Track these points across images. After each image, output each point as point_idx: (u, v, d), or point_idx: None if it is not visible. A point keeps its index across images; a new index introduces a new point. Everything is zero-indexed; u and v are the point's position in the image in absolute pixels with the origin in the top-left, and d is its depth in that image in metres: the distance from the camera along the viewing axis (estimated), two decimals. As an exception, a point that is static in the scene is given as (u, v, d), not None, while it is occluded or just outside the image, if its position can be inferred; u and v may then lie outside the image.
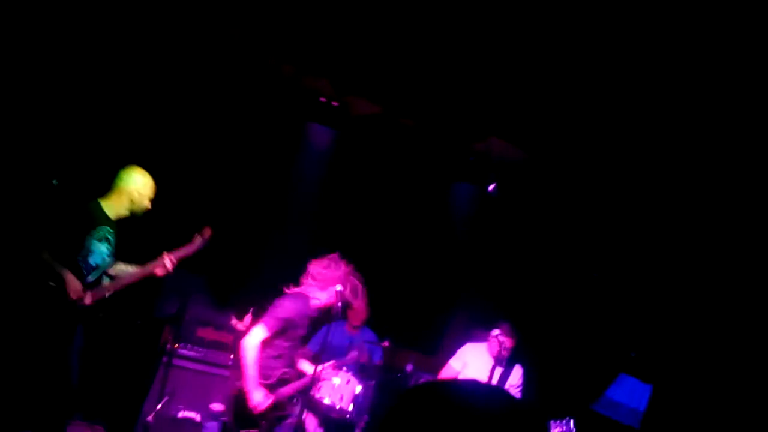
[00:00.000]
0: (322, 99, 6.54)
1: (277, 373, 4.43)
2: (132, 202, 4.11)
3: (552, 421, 4.99)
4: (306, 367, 5.10)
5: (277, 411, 4.43)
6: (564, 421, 4.95)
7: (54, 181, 3.95)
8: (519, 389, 5.41)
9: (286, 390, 4.51)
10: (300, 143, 6.76)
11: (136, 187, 4.10)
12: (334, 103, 6.55)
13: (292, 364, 4.63)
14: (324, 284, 4.56)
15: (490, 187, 7.01)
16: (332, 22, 5.26)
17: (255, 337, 4.24)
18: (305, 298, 4.52)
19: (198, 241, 4.37)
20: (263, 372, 4.30)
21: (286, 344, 4.44)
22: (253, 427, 4.35)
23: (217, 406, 4.73)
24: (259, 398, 4.23)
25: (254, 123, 6.46)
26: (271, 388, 4.37)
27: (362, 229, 6.91)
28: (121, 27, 5.46)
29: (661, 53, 4.56)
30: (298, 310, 4.45)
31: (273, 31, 5.58)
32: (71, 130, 5.36)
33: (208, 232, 4.41)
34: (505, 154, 6.74)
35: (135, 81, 5.74)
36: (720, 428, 5.90)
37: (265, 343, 4.28)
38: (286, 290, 4.60)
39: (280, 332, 4.35)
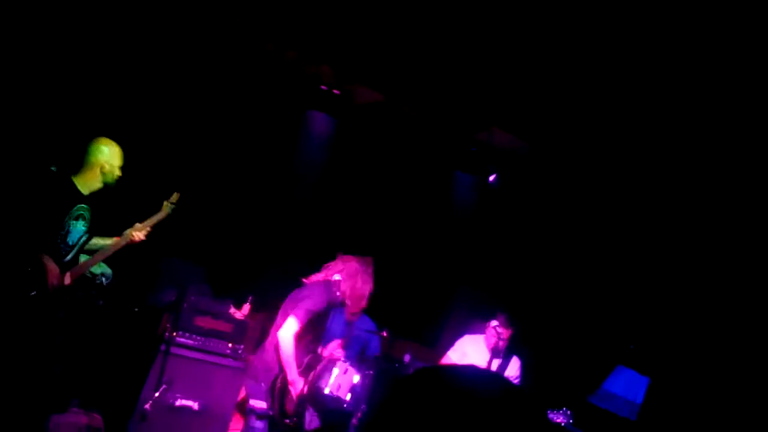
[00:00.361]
0: (323, 87, 6.49)
1: (305, 360, 4.60)
2: (103, 173, 4.09)
3: (549, 411, 5.00)
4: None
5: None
6: (561, 412, 4.97)
7: (53, 168, 3.93)
8: (517, 380, 5.42)
9: (311, 377, 4.65)
10: (300, 131, 6.72)
11: (105, 158, 4.08)
12: (336, 91, 6.50)
13: (315, 351, 4.76)
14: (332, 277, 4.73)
15: (491, 178, 6.97)
16: (334, 9, 5.21)
17: (290, 330, 4.38)
18: (330, 287, 4.65)
19: (167, 208, 4.37)
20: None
21: (311, 333, 4.62)
22: (293, 417, 4.57)
23: (258, 404, 4.77)
24: (301, 387, 4.44)
25: (255, 110, 6.41)
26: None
27: (362, 219, 6.89)
28: (121, 11, 5.41)
29: (663, 44, 4.52)
30: (328, 299, 4.61)
31: (275, 17, 5.53)
32: (72, 116, 5.31)
33: (175, 197, 4.40)
34: (506, 144, 6.70)
35: (132, 68, 5.68)
36: (717, 422, 5.91)
37: (297, 334, 4.43)
38: (306, 280, 4.71)
39: (309, 323, 4.49)
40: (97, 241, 4.21)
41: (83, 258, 4.14)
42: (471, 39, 5.13)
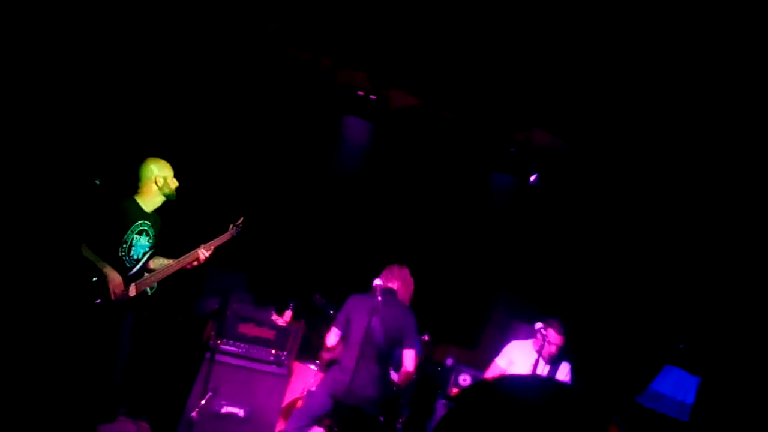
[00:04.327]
0: (360, 92, 6.48)
1: None
2: (159, 188, 4.29)
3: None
4: None
5: None
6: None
7: (97, 181, 4.06)
8: (566, 385, 5.30)
9: None
10: (337, 136, 6.73)
11: (156, 173, 4.28)
12: (372, 96, 6.49)
13: None
14: None
15: (532, 178, 6.86)
16: (369, 15, 5.20)
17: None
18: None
19: (232, 231, 4.57)
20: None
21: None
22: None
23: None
24: None
25: (292, 117, 6.44)
26: None
27: (400, 223, 6.86)
28: (158, 20, 5.48)
29: (703, 45, 4.40)
30: None
31: (310, 24, 5.54)
32: (113, 129, 5.41)
33: (240, 222, 4.62)
34: (546, 144, 6.59)
35: (173, 76, 5.76)
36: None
37: None
38: (380, 292, 4.81)
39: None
40: (160, 260, 4.34)
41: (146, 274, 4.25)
42: (508, 40, 5.07)
